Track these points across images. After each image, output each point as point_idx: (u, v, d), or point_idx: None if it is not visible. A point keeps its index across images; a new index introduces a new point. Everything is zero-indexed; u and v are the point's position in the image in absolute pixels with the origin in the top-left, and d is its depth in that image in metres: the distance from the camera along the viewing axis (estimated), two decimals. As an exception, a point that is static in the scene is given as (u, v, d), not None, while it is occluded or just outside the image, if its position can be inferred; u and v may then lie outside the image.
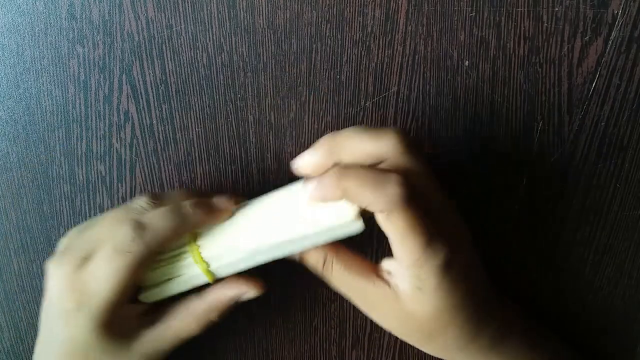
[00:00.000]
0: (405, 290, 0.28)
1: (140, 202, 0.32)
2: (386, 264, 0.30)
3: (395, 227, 0.27)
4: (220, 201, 0.32)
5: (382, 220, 0.27)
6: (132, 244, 0.29)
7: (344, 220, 0.28)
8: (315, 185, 0.28)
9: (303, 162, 0.30)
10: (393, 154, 0.28)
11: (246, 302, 0.33)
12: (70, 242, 0.32)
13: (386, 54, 0.35)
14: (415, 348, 0.39)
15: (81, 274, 0.29)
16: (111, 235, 0.30)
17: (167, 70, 0.36)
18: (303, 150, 0.36)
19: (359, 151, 0.29)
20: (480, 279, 0.31)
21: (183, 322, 0.32)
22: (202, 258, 0.31)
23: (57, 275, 0.30)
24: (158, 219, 0.30)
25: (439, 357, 0.32)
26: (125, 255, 0.29)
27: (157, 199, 0.32)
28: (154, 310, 0.32)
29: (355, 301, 0.31)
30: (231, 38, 0.35)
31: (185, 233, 0.31)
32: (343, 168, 0.27)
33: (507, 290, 0.37)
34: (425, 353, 0.38)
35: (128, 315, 0.31)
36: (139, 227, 0.29)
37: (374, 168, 0.28)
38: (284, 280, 0.38)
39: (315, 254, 0.31)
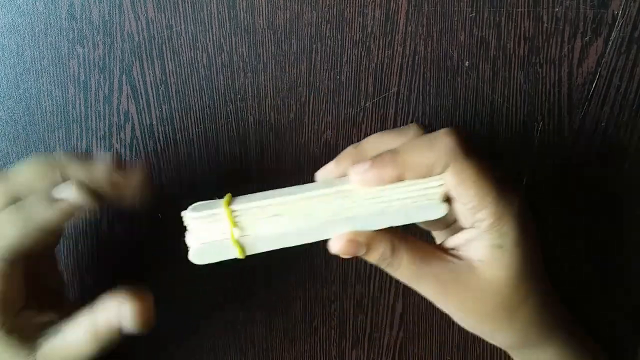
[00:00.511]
0: (482, 258, 0.27)
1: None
2: (452, 241, 0.28)
3: (466, 181, 0.26)
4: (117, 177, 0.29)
5: (452, 180, 0.26)
6: None
7: (427, 201, 0.27)
8: (369, 165, 0.26)
9: (326, 173, 0.29)
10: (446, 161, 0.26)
11: (246, 302, 0.33)
12: None
13: (386, 55, 0.35)
14: (415, 348, 0.39)
15: None
16: None
17: (167, 71, 0.36)
18: (303, 150, 0.36)
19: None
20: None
21: (76, 339, 0.29)
22: (234, 222, 0.27)
23: None
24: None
25: (512, 347, 0.30)
26: None
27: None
28: (62, 319, 0.30)
29: (427, 290, 0.28)
30: (231, 38, 0.35)
31: (39, 236, 0.28)
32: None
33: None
34: (426, 354, 0.38)
35: (28, 323, 0.29)
36: None
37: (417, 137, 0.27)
38: (284, 280, 0.38)
39: (381, 244, 0.27)
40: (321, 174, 0.29)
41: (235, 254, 0.28)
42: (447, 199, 0.27)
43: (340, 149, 0.36)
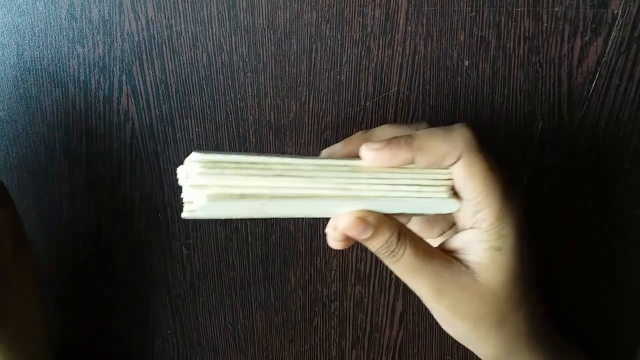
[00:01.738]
0: (480, 260, 0.27)
1: None
2: (453, 242, 0.28)
3: (475, 175, 0.26)
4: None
5: (462, 172, 0.26)
6: None
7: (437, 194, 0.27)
8: (384, 144, 0.26)
9: (332, 151, 0.29)
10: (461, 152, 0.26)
11: (246, 302, 0.33)
12: None
13: (386, 54, 0.35)
14: (415, 348, 0.39)
15: None
16: None
17: (167, 70, 0.36)
18: (303, 150, 0.36)
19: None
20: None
21: None
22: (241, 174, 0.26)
23: None
24: None
25: (496, 358, 0.30)
26: None
27: None
28: None
29: (422, 286, 0.27)
30: (231, 38, 0.35)
31: None
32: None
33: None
34: (426, 354, 0.38)
35: None
36: None
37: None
38: (284, 280, 0.38)
39: (388, 230, 0.26)
40: (327, 151, 0.29)
41: (248, 207, 0.26)
42: (456, 194, 0.27)
43: (340, 149, 0.36)
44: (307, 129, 0.36)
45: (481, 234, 0.27)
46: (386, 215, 0.27)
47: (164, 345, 0.39)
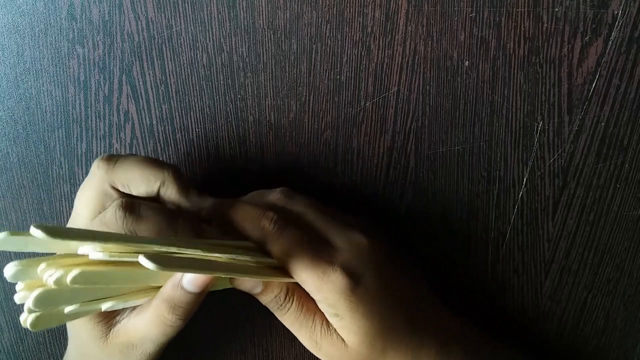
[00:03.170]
0: (333, 323, 0.29)
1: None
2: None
3: (279, 256, 0.29)
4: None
5: (272, 251, 0.30)
6: None
7: None
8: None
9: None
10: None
11: (246, 302, 0.33)
12: None
13: (386, 55, 0.35)
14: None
15: None
16: None
17: (167, 71, 0.36)
18: (303, 150, 0.36)
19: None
20: (409, 293, 0.31)
21: (144, 320, 0.30)
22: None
23: None
24: None
25: None
26: None
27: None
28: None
29: (304, 340, 0.31)
30: (231, 38, 0.35)
31: None
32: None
33: (506, 291, 0.37)
34: (425, 353, 0.38)
35: None
36: None
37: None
38: (284, 280, 0.38)
39: (276, 287, 0.30)
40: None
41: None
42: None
43: (340, 149, 0.36)
44: (307, 129, 0.36)
45: (318, 304, 0.30)
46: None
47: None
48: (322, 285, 0.28)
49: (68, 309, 0.27)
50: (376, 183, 0.37)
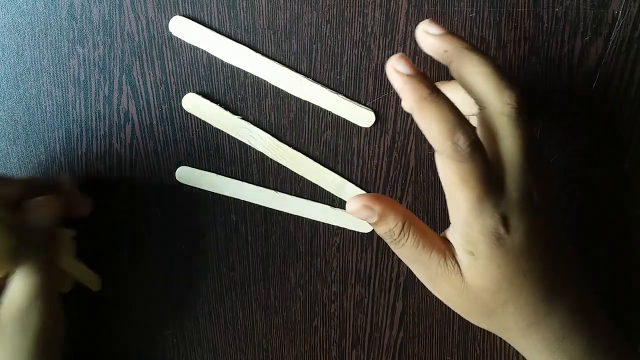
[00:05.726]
0: (462, 259, 0.27)
1: None
2: (448, 233, 0.28)
3: (445, 175, 0.26)
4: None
5: (437, 165, 0.26)
6: None
7: None
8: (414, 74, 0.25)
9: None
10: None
11: (246, 302, 0.33)
12: None
13: (386, 55, 0.35)
14: (415, 348, 0.39)
15: None
16: None
17: (167, 71, 0.36)
18: (303, 150, 0.36)
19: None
20: (553, 255, 0.28)
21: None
22: None
23: None
24: None
25: (502, 337, 0.30)
26: None
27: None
28: None
29: (419, 274, 0.29)
30: (231, 38, 0.35)
31: None
32: None
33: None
34: (426, 354, 0.38)
35: None
36: None
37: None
38: (283, 280, 0.38)
39: (392, 220, 0.28)
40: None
41: None
42: None
43: (340, 149, 0.36)
44: (307, 129, 0.36)
45: (454, 234, 0.27)
46: (396, 204, 0.28)
47: (164, 345, 0.39)
48: (473, 221, 0.26)
49: None
50: (376, 183, 0.37)
